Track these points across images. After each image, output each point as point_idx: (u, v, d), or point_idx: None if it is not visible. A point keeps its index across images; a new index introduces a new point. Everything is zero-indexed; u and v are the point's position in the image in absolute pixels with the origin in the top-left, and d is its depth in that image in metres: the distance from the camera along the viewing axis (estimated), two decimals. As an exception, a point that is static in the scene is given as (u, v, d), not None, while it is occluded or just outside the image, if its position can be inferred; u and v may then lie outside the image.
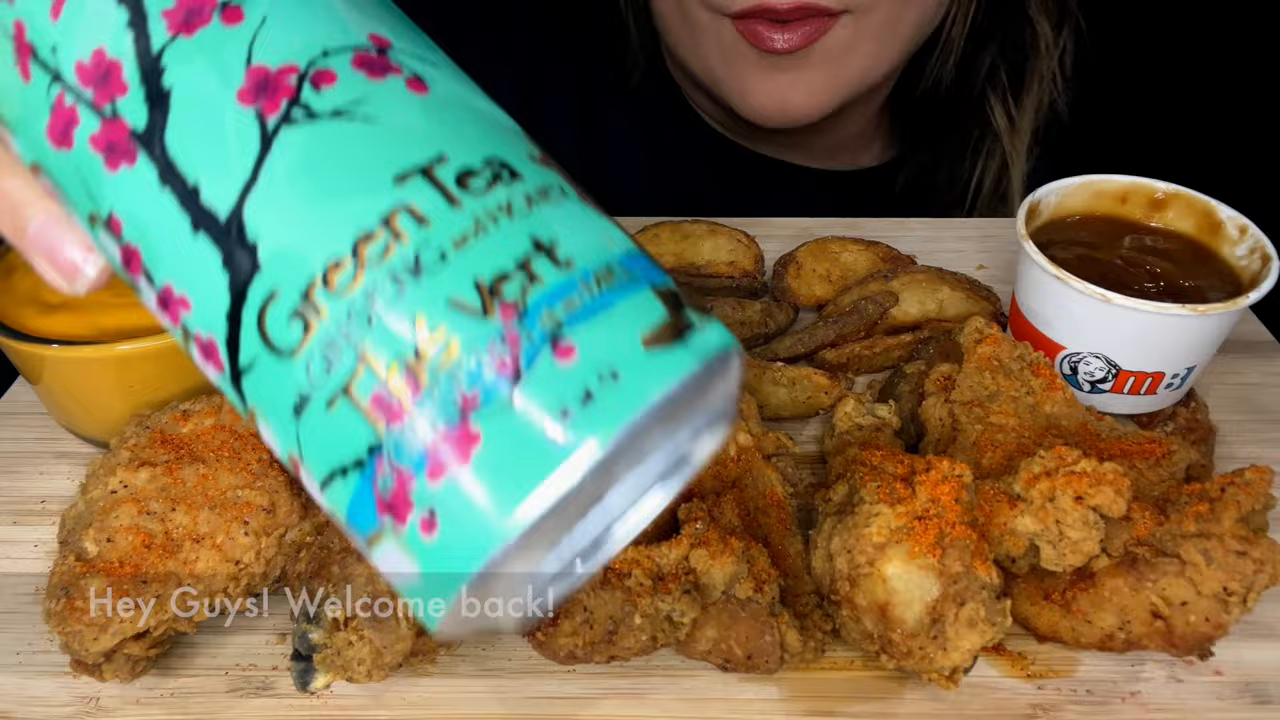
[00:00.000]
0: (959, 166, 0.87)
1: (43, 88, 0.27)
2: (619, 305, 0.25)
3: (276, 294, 0.25)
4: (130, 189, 0.26)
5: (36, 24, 0.27)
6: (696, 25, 0.75)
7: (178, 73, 0.26)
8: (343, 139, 0.25)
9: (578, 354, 0.24)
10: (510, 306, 0.24)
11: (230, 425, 0.46)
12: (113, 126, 0.26)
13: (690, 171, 0.90)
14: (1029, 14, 0.81)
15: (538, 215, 0.26)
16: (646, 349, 0.25)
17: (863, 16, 0.71)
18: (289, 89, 0.25)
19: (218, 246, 0.25)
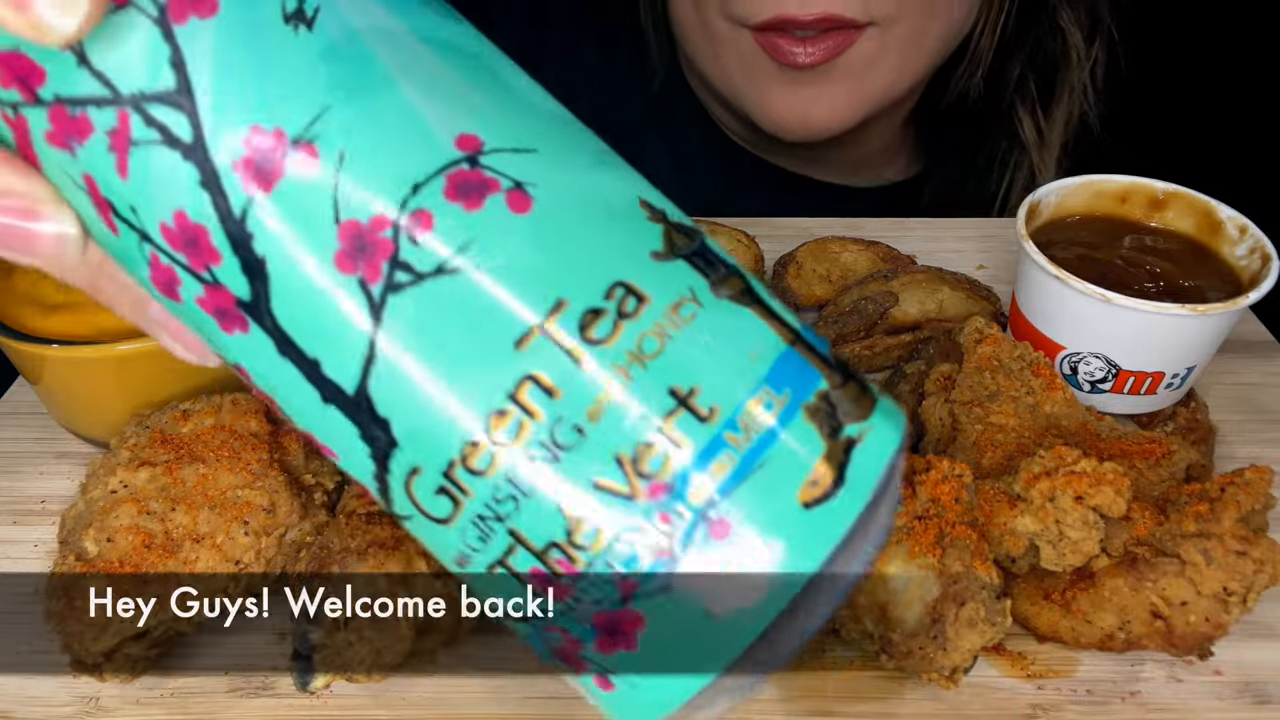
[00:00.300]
0: (986, 180, 0.85)
1: (134, 244, 0.24)
2: (771, 459, 0.23)
3: (420, 470, 0.24)
4: (251, 353, 0.24)
5: (107, 181, 0.23)
6: (716, 36, 0.74)
7: (267, 239, 0.22)
8: (453, 301, 0.23)
9: (733, 531, 0.23)
10: (658, 483, 0.23)
11: (230, 425, 0.46)
12: (217, 293, 0.23)
13: (711, 183, 0.88)
14: (1060, 24, 0.79)
15: (672, 353, 0.23)
16: (805, 507, 0.23)
17: (887, 29, 0.70)
18: (387, 246, 0.22)
19: (351, 420, 0.24)
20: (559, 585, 0.23)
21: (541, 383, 0.23)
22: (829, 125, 0.75)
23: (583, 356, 0.23)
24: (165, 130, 0.22)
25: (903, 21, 0.70)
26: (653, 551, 0.23)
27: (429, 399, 0.23)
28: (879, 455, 0.25)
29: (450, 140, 0.23)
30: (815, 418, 0.24)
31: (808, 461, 0.24)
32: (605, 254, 0.24)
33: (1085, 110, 0.82)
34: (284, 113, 0.22)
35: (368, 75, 0.23)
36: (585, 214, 0.24)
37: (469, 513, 0.24)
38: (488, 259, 0.23)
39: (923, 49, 0.74)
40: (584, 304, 0.23)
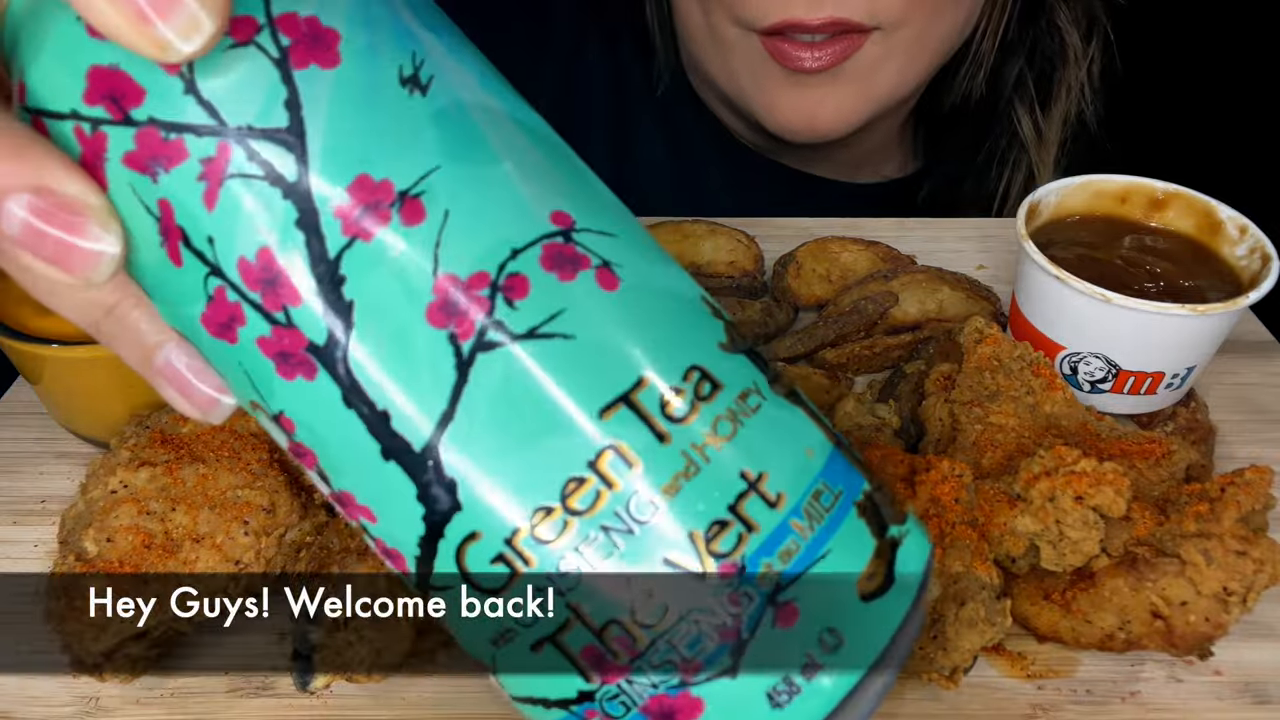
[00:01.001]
0: (985, 178, 0.86)
1: (198, 278, 0.23)
2: (833, 549, 0.24)
3: (478, 536, 0.23)
4: (307, 401, 0.24)
5: (187, 209, 0.22)
6: (723, 40, 0.75)
7: (360, 284, 0.22)
8: (543, 365, 0.23)
9: (800, 617, 0.23)
10: (728, 563, 0.23)
11: (230, 425, 0.46)
12: (287, 335, 0.23)
13: (713, 182, 0.89)
14: (1057, 23, 0.80)
15: (743, 438, 0.24)
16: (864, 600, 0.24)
17: (892, 33, 0.70)
18: (482, 304, 0.23)
19: (411, 479, 0.23)
20: (613, 666, 0.23)
21: (623, 453, 0.23)
22: (835, 127, 0.75)
23: (664, 433, 0.23)
24: (269, 167, 0.22)
25: (907, 25, 0.70)
26: (719, 633, 0.23)
27: (505, 462, 0.23)
28: (920, 555, 0.26)
29: (546, 215, 0.24)
30: (865, 515, 0.25)
31: (863, 556, 0.24)
32: (683, 339, 0.25)
33: (1083, 108, 0.83)
34: (394, 167, 0.23)
35: (474, 145, 0.24)
36: (664, 300, 0.25)
37: (525, 583, 0.23)
38: (579, 329, 0.23)
39: (927, 51, 0.74)
40: (666, 382, 0.24)
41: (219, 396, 0.26)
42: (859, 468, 0.27)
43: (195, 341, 0.25)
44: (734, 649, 0.23)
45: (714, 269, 0.64)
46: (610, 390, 0.23)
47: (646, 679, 0.23)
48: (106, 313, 0.26)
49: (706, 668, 0.23)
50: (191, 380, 0.26)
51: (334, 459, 0.24)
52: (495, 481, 0.23)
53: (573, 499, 0.23)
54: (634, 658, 0.23)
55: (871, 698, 0.25)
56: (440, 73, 0.24)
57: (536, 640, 0.24)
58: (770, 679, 0.23)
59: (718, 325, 0.26)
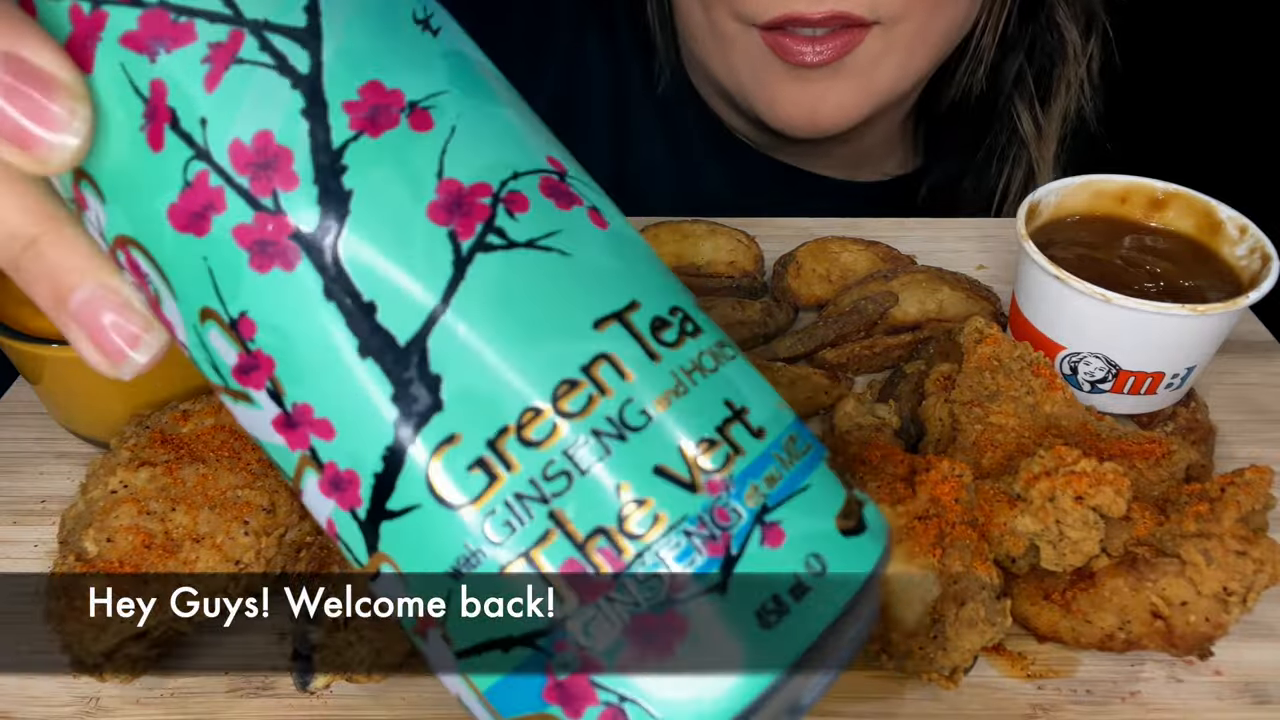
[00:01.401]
0: (985, 174, 0.87)
1: (178, 162, 0.23)
2: (813, 483, 0.24)
3: (458, 439, 0.22)
4: (279, 295, 0.23)
5: (183, 90, 0.22)
6: (724, 36, 0.75)
7: (361, 174, 0.22)
8: (540, 272, 0.23)
9: (786, 538, 0.23)
10: (718, 479, 0.23)
11: (230, 425, 0.46)
12: (271, 221, 0.23)
13: (714, 179, 0.89)
14: (1057, 20, 0.80)
15: (724, 375, 0.25)
16: (844, 535, 0.24)
17: (893, 27, 0.71)
18: (484, 210, 0.23)
19: (388, 377, 0.22)
20: (594, 583, 0.22)
21: (616, 364, 0.23)
22: (836, 122, 0.75)
23: (655, 352, 0.24)
24: (282, 59, 0.22)
25: (908, 19, 0.71)
26: (709, 547, 0.22)
27: (495, 360, 0.22)
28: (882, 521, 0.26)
29: (543, 156, 0.25)
30: (835, 469, 0.26)
31: (838, 499, 0.25)
32: (666, 284, 0.26)
33: (1082, 105, 0.83)
34: (406, 80, 0.23)
35: (479, 85, 0.25)
36: (647, 252, 0.27)
37: (506, 492, 0.22)
38: (575, 249, 0.24)
39: (927, 46, 0.75)
40: (655, 311, 0.24)
41: (129, 349, 0.25)
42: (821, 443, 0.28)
43: (151, 245, 0.24)
44: (724, 564, 0.22)
45: (714, 269, 0.64)
46: (604, 306, 0.24)
47: (630, 596, 0.22)
48: (26, 246, 0.25)
49: (695, 582, 0.22)
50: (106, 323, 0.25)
51: (298, 362, 0.23)
52: (484, 379, 0.22)
53: (565, 401, 0.22)
54: (619, 572, 0.22)
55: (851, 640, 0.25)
56: (448, 28, 0.25)
57: (509, 560, 0.22)
58: (760, 597, 0.22)
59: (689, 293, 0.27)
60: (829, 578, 0.23)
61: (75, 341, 0.26)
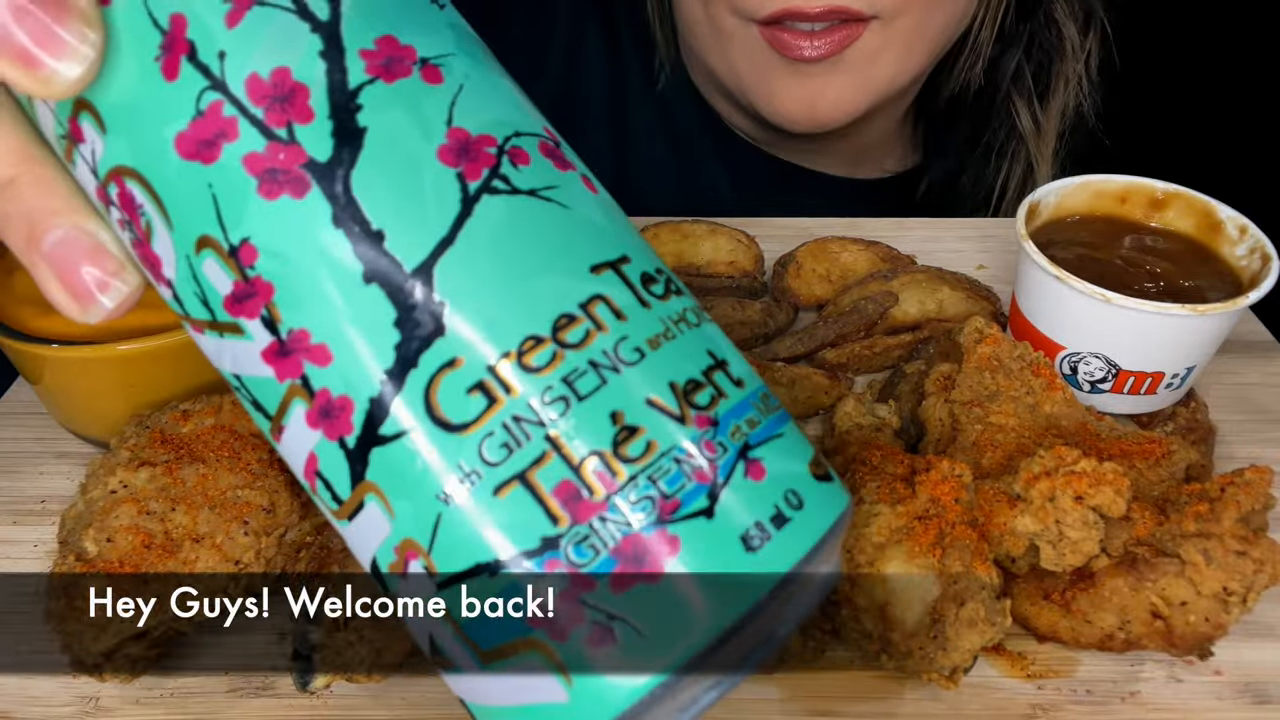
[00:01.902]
0: (984, 170, 0.87)
1: (192, 92, 0.24)
2: (786, 432, 0.26)
3: (458, 362, 0.23)
4: (286, 221, 0.24)
5: (204, 24, 0.23)
6: (723, 32, 0.75)
7: (375, 115, 0.24)
8: (542, 218, 0.25)
9: (767, 474, 0.25)
10: (705, 415, 0.24)
11: (230, 425, 0.46)
12: (283, 150, 0.23)
13: (713, 176, 0.90)
14: (1055, 16, 0.81)
15: (706, 331, 0.27)
16: (815, 479, 0.26)
17: (891, 22, 0.71)
18: (490, 158, 0.25)
19: (392, 302, 0.23)
20: (589, 504, 0.23)
21: (611, 305, 0.25)
22: (835, 116, 0.75)
23: (646, 300, 0.26)
24: (303, 5, 0.24)
25: (906, 14, 0.71)
26: (697, 475, 0.24)
27: (499, 288, 0.24)
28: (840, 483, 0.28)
29: (540, 125, 0.27)
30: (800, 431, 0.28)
31: (809, 450, 0.27)
32: (649, 250, 0.28)
33: (1081, 101, 0.84)
34: (419, 39, 0.25)
35: (483, 57, 0.27)
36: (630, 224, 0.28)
37: (504, 415, 0.23)
38: (572, 203, 0.26)
39: (925, 41, 0.75)
40: (643, 267, 0.26)
41: (98, 293, 0.25)
42: None
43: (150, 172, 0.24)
44: (710, 491, 0.24)
45: (714, 269, 0.64)
46: (600, 255, 0.25)
47: (623, 516, 0.23)
48: (3, 187, 0.25)
49: (684, 505, 0.23)
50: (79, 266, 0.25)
51: (299, 288, 0.24)
52: (487, 306, 0.24)
53: (564, 332, 0.24)
54: (611, 493, 0.23)
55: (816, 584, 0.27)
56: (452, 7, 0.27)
57: (503, 481, 0.23)
58: (744, 522, 0.24)
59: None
60: (806, 511, 0.25)
61: (44, 283, 0.26)
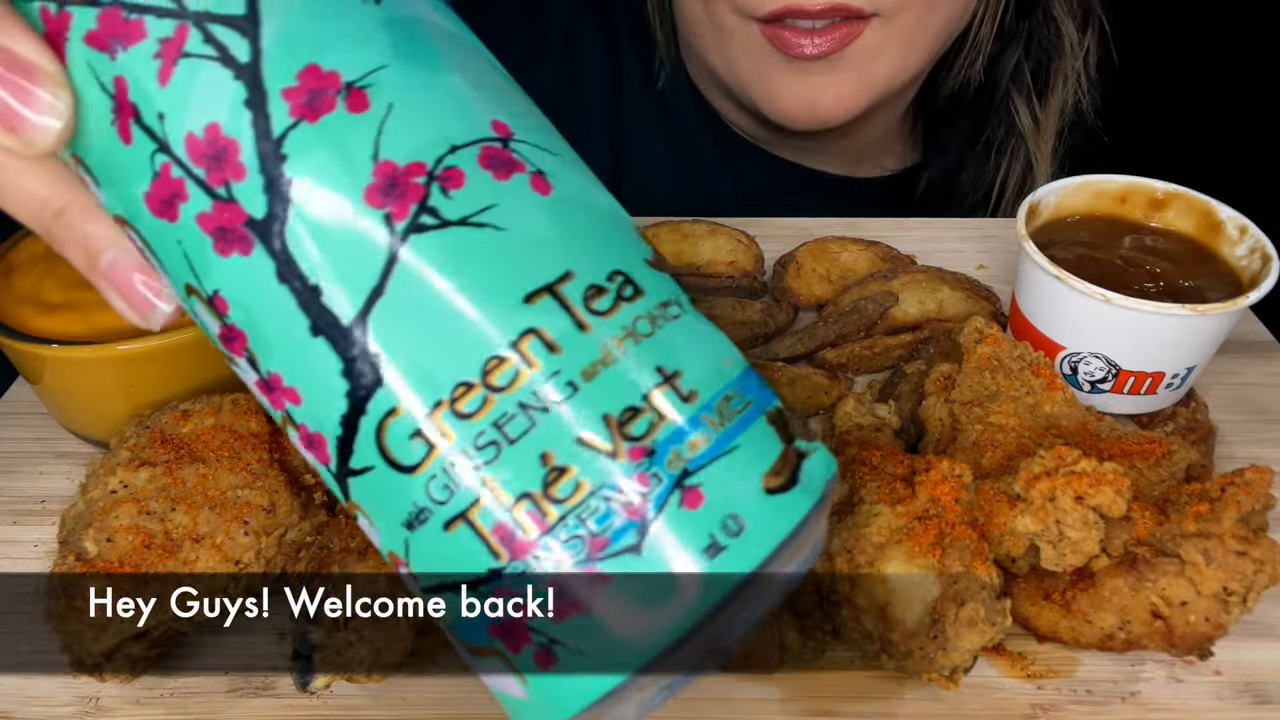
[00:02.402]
0: (983, 168, 0.87)
1: (145, 154, 0.24)
2: (741, 444, 0.25)
3: (399, 411, 0.24)
4: (241, 278, 0.25)
5: (141, 85, 0.24)
6: (723, 30, 0.75)
7: (301, 162, 0.24)
8: (473, 250, 0.24)
9: (705, 501, 0.24)
10: (639, 446, 0.24)
11: (230, 425, 0.46)
12: (226, 210, 0.24)
13: (712, 175, 0.90)
14: (1053, 14, 0.81)
15: (661, 338, 0.26)
16: (768, 493, 0.25)
17: (891, 19, 0.71)
18: (418, 191, 0.24)
19: (337, 354, 0.24)
20: (523, 542, 0.24)
21: (544, 337, 0.24)
22: (835, 114, 0.75)
23: (585, 322, 0.25)
24: (223, 49, 0.24)
25: (907, 11, 0.71)
26: (627, 510, 0.24)
27: (429, 338, 0.24)
28: (825, 469, 0.27)
29: (487, 122, 0.26)
30: (775, 424, 0.27)
31: (769, 456, 0.26)
32: (609, 247, 0.26)
33: (1080, 99, 0.84)
34: (343, 61, 0.24)
35: (422, 52, 0.25)
36: (594, 213, 0.27)
37: (442, 460, 0.24)
38: (509, 223, 0.25)
39: (926, 38, 0.75)
40: (589, 279, 0.25)
41: (156, 301, 0.28)
42: (772, 390, 0.28)
43: (138, 225, 0.26)
44: (640, 527, 0.24)
45: (714, 269, 0.64)
46: (536, 280, 0.25)
47: (554, 555, 0.24)
48: (56, 215, 0.27)
49: (613, 544, 0.24)
50: (134, 281, 0.27)
51: (264, 338, 0.25)
52: (418, 357, 0.24)
53: (493, 375, 0.24)
54: (544, 533, 0.24)
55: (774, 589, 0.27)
56: None
57: (449, 519, 0.24)
58: (675, 556, 0.24)
59: (647, 248, 0.28)
60: (746, 536, 0.24)
61: (108, 297, 0.28)
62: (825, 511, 0.28)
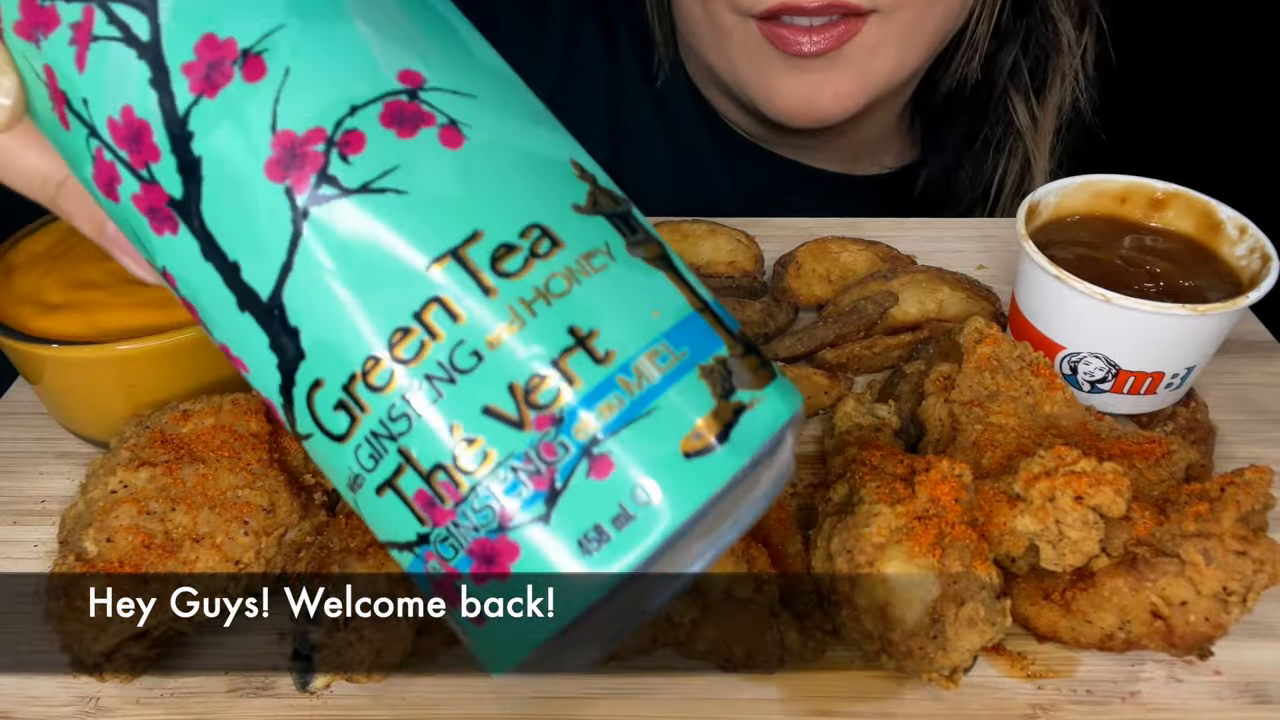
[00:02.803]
0: (981, 166, 0.87)
1: (81, 139, 0.25)
2: (660, 407, 0.24)
3: (322, 383, 0.25)
4: (176, 256, 0.25)
5: (64, 73, 0.24)
6: (721, 28, 0.75)
7: (206, 140, 0.24)
8: (374, 218, 0.24)
9: (614, 469, 0.24)
10: (546, 415, 0.24)
11: (230, 425, 0.46)
12: (152, 192, 0.24)
13: (712, 174, 0.90)
14: (1051, 12, 0.81)
15: (578, 295, 0.25)
16: (687, 458, 0.24)
17: (890, 16, 0.71)
18: (316, 160, 0.24)
19: (263, 328, 0.25)
20: (442, 510, 0.24)
21: (447, 306, 0.24)
22: (834, 111, 0.75)
23: (491, 286, 0.24)
24: (126, 28, 0.24)
25: (905, 8, 0.71)
26: (534, 481, 0.24)
27: (338, 312, 0.24)
28: (767, 423, 0.26)
29: (393, 73, 0.25)
30: (709, 378, 0.25)
31: (694, 416, 0.25)
32: (527, 198, 0.25)
33: (1077, 96, 0.84)
34: (239, 26, 0.24)
35: (324, 4, 0.25)
36: (514, 159, 0.26)
37: (364, 430, 0.25)
38: (413, 184, 0.24)
39: (925, 35, 0.75)
40: (499, 239, 0.24)
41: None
42: (723, 333, 0.27)
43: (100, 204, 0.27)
44: (548, 497, 0.24)
45: (714, 269, 0.64)
46: (440, 244, 0.24)
47: (469, 523, 0.24)
48: (59, 188, 0.29)
49: (521, 514, 0.24)
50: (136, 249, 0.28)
51: (206, 311, 0.26)
52: (330, 330, 0.24)
53: (399, 348, 0.24)
54: (458, 502, 0.24)
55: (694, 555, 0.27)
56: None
57: (379, 485, 0.25)
58: (582, 526, 0.24)
59: (580, 188, 0.26)
60: (657, 505, 0.24)
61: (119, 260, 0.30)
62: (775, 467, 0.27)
